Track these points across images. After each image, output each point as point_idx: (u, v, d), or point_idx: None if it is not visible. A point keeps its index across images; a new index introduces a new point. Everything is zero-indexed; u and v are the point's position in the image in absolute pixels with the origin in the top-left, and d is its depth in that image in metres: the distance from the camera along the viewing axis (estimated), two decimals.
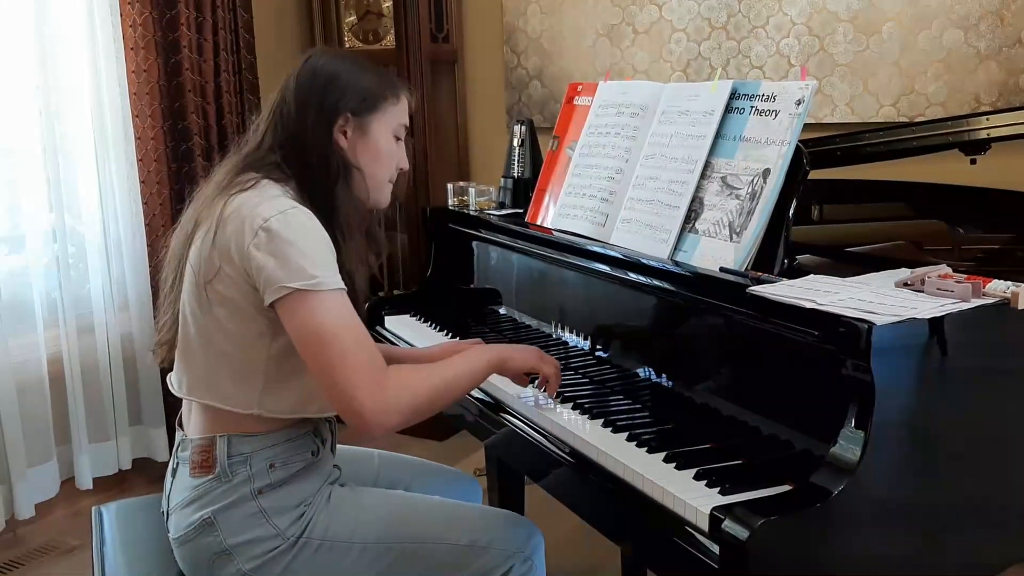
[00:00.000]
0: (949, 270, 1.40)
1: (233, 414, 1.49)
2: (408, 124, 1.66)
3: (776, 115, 1.54)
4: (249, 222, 1.41)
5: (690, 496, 1.27)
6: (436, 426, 3.31)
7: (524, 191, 2.22)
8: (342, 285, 1.43)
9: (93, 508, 1.78)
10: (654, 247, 1.66)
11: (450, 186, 2.40)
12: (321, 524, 1.52)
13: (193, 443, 1.51)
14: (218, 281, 1.44)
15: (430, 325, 2.25)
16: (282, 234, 1.40)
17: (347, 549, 1.52)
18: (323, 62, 1.58)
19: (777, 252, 1.51)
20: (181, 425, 1.59)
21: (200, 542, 1.49)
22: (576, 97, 2.05)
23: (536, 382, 1.70)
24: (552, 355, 1.88)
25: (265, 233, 1.40)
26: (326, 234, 1.46)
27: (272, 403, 1.49)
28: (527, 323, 2.04)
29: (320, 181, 1.53)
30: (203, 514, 1.48)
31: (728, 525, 1.16)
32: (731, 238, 1.54)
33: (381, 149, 1.60)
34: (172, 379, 1.59)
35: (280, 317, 1.42)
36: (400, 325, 2.27)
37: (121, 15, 2.92)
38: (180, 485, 1.53)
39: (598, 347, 1.80)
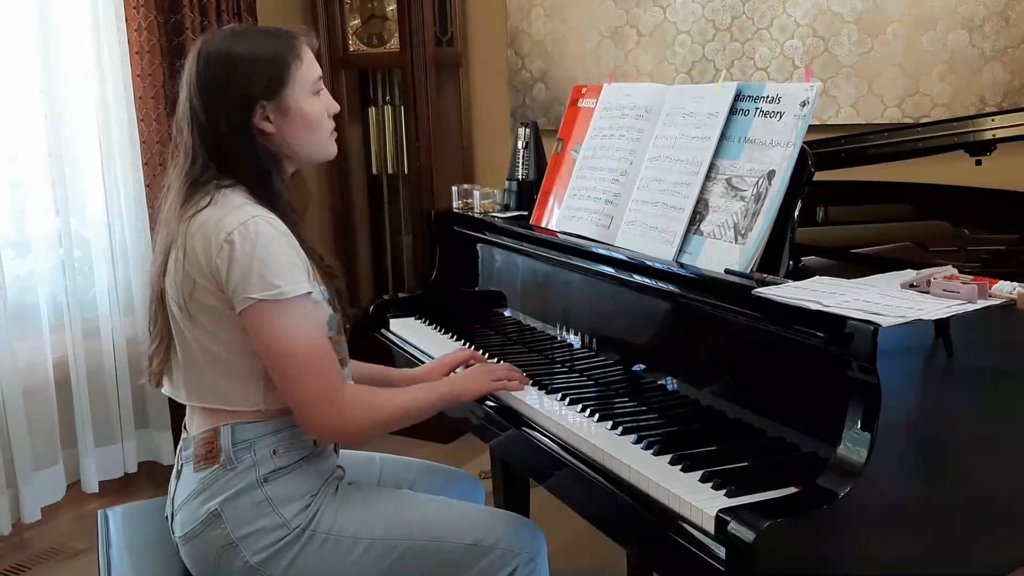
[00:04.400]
0: (955, 271, 1.40)
1: (237, 409, 1.52)
2: (320, 74, 1.59)
3: (781, 117, 1.54)
4: (214, 236, 1.44)
5: (696, 498, 1.27)
6: (441, 428, 3.32)
7: (528, 194, 2.22)
8: (306, 289, 1.47)
9: (99, 511, 1.79)
10: (659, 249, 1.66)
11: (454, 189, 2.40)
12: (328, 517, 1.53)
13: (196, 439, 1.54)
14: (198, 293, 1.47)
15: (435, 328, 2.25)
16: (243, 246, 1.42)
17: (353, 544, 1.53)
18: (213, 52, 1.52)
19: (782, 254, 1.51)
20: (185, 429, 1.61)
21: (207, 536, 1.50)
22: (580, 99, 2.05)
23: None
24: (557, 357, 1.89)
25: (228, 246, 1.43)
26: (289, 238, 1.48)
27: (275, 397, 1.52)
28: (532, 325, 2.04)
29: (256, 177, 1.52)
30: (210, 506, 1.50)
31: (734, 527, 1.15)
32: (736, 240, 1.54)
33: (308, 114, 1.55)
34: (174, 392, 1.60)
35: (245, 326, 1.45)
36: (405, 328, 2.28)
37: (126, 19, 2.93)
38: (185, 482, 1.55)
39: (603, 349, 1.80)
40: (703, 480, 1.32)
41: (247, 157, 1.51)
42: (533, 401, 1.70)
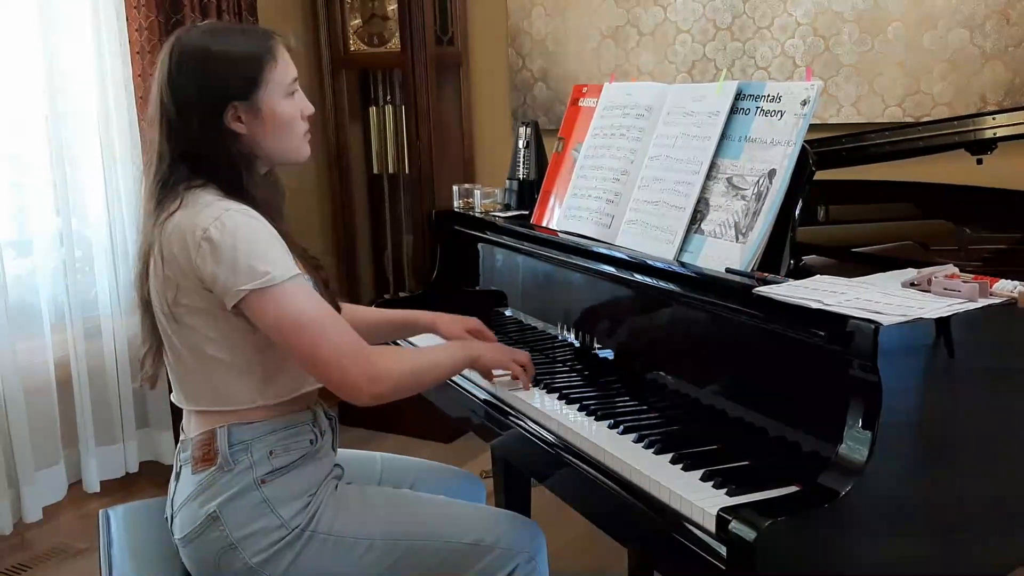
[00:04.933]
0: (956, 270, 1.39)
1: (235, 408, 1.52)
2: (296, 75, 1.57)
3: (781, 116, 1.54)
4: (190, 236, 1.43)
5: (697, 497, 1.27)
6: (442, 428, 3.32)
7: (529, 193, 2.22)
8: (296, 271, 1.46)
9: (100, 511, 1.79)
10: (660, 248, 1.66)
11: (456, 188, 2.40)
12: (327, 517, 1.53)
13: (193, 441, 1.53)
14: (182, 296, 1.47)
15: None
16: (223, 240, 1.41)
17: (353, 544, 1.53)
18: (187, 49, 1.50)
19: (783, 253, 1.51)
20: (184, 430, 1.61)
21: (206, 538, 1.50)
22: (581, 99, 2.05)
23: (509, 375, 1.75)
24: (558, 356, 1.89)
25: (207, 243, 1.41)
26: (267, 226, 1.46)
27: (274, 389, 1.52)
28: (533, 325, 2.04)
29: (230, 178, 1.50)
30: (208, 508, 1.49)
31: (735, 526, 1.15)
32: (737, 239, 1.54)
33: (281, 116, 1.53)
34: (177, 399, 1.60)
35: (248, 318, 1.45)
36: None
37: (127, 19, 2.93)
38: (184, 485, 1.54)
39: (604, 348, 1.80)
40: (704, 479, 1.32)
41: (217, 157, 1.49)
42: (534, 400, 1.70)
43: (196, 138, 1.49)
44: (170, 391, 1.63)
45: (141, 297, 1.56)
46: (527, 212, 2.13)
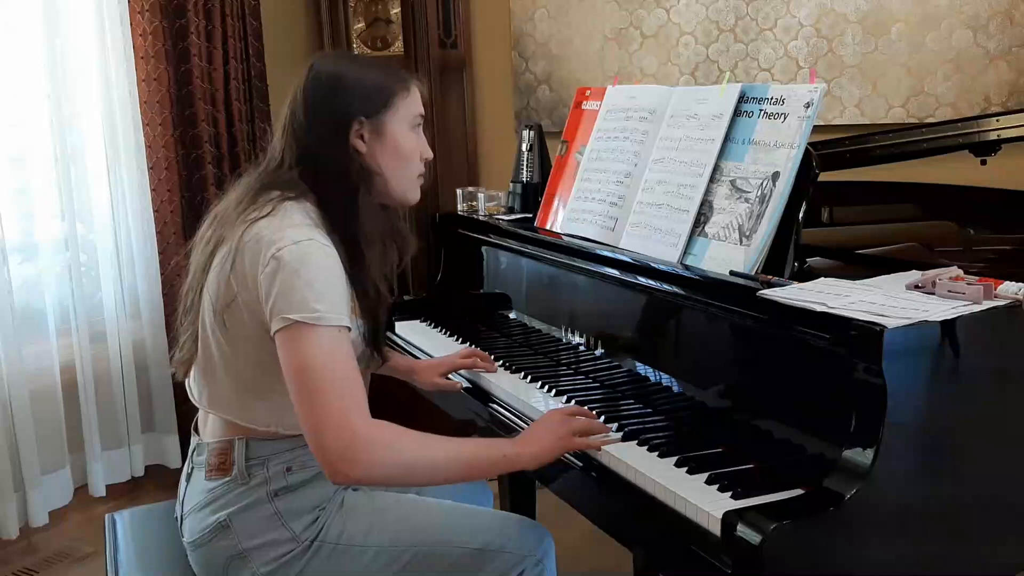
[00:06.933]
0: (960, 272, 1.39)
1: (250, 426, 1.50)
2: (423, 113, 1.62)
3: (785, 118, 1.54)
4: (265, 249, 1.41)
5: (702, 501, 1.27)
6: (447, 431, 3.31)
7: (533, 196, 2.22)
8: (345, 324, 1.41)
9: (107, 515, 1.79)
10: (664, 251, 1.66)
11: (459, 191, 2.41)
12: (335, 528, 1.53)
13: (210, 447, 1.53)
14: (235, 307, 1.44)
15: (440, 330, 2.25)
16: (291, 265, 1.39)
17: (361, 553, 1.53)
18: (326, 67, 1.57)
19: (787, 255, 1.51)
20: (197, 430, 1.60)
21: (216, 545, 1.50)
22: (584, 101, 2.06)
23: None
24: (562, 359, 1.89)
25: (275, 262, 1.39)
26: (339, 269, 1.44)
27: (290, 420, 1.47)
28: (537, 328, 2.04)
29: (340, 192, 1.51)
30: (219, 516, 1.49)
31: (741, 530, 1.15)
32: (741, 241, 1.54)
33: (401, 146, 1.57)
34: (192, 389, 1.59)
35: (276, 346, 1.40)
36: (410, 330, 2.28)
37: (131, 24, 2.94)
38: (195, 489, 1.54)
39: (608, 351, 1.80)
40: (709, 482, 1.32)
41: (335, 168, 1.51)
42: (539, 403, 1.70)
43: (318, 144, 1.51)
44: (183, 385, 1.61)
45: (198, 282, 1.53)
46: (531, 215, 2.13)
